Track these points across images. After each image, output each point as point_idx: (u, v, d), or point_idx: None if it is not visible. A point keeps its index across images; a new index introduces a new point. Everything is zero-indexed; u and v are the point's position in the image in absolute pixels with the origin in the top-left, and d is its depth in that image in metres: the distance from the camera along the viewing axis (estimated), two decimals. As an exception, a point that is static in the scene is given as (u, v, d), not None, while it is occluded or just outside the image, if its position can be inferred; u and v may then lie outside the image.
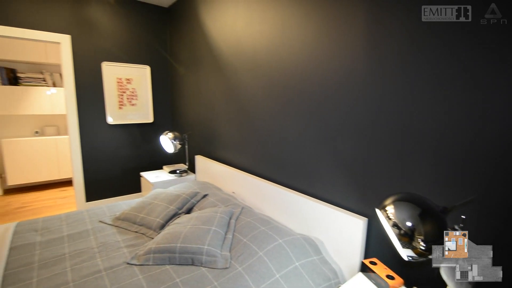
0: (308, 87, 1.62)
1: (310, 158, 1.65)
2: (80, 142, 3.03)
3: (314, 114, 1.59)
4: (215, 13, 2.46)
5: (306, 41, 1.60)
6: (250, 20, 2.03)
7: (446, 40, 1.11)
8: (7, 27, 2.56)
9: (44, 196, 3.66)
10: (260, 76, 1.99)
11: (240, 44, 2.17)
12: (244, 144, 2.24)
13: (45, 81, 3.85)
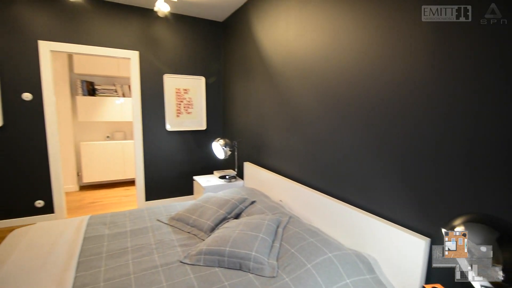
0: (364, 97, 1.55)
1: (365, 170, 1.57)
2: (143, 146, 3.35)
3: (372, 126, 1.51)
4: (267, 25, 2.53)
5: (361, 48, 1.55)
6: (302, 29, 2.04)
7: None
8: (89, 46, 2.99)
9: (111, 194, 4.12)
10: (311, 84, 1.97)
11: (291, 53, 2.18)
12: (293, 153, 2.23)
13: (116, 92, 4.37)
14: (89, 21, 2.96)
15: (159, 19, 3.26)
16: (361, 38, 1.54)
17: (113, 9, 3.05)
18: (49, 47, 2.82)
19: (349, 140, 1.66)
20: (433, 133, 1.22)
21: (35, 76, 2.81)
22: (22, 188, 2.90)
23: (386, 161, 1.44)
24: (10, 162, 2.82)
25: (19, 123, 2.80)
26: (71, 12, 2.88)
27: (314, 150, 1.97)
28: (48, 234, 1.78)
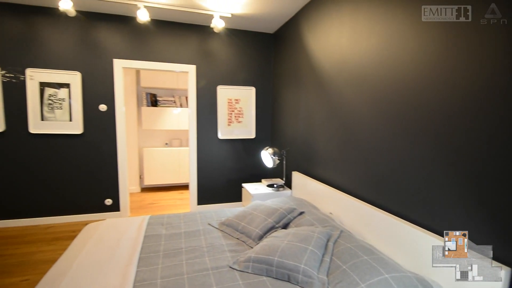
0: (427, 105, 1.42)
1: (429, 184, 1.42)
2: (197, 153, 3.57)
3: (439, 136, 1.38)
4: (318, 33, 2.51)
5: (422, 54, 1.43)
6: (356, 36, 1.97)
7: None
8: (153, 62, 3.32)
9: (167, 196, 4.44)
10: (365, 92, 1.88)
11: (344, 61, 2.12)
12: (345, 164, 2.14)
13: (175, 103, 4.75)
14: (153, 39, 3.31)
15: (214, 34, 3.47)
16: (425, 42, 1.42)
17: (174, 28, 3.35)
18: (122, 64, 3.22)
19: (410, 151, 1.53)
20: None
21: (109, 89, 3.22)
22: (95, 187, 3.31)
23: (457, 176, 1.28)
24: (87, 164, 3.25)
25: (95, 131, 3.23)
26: (139, 32, 3.25)
27: (368, 161, 1.86)
28: (115, 230, 2.00)
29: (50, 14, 2.97)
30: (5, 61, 2.90)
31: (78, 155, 3.21)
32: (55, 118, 3.06)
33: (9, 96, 2.94)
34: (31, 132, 3.02)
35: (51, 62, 3.02)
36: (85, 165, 3.24)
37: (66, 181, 3.21)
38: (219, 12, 3.02)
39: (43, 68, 2.99)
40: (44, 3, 2.86)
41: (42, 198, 3.16)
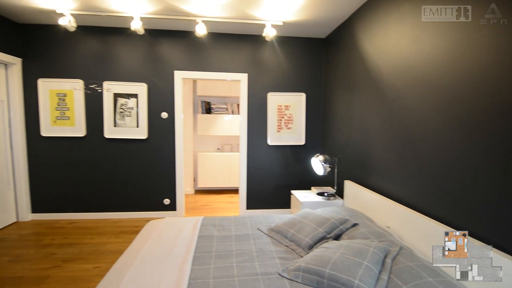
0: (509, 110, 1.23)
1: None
2: (247, 159, 3.66)
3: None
4: (375, 35, 2.38)
5: (499, 54, 1.25)
6: (418, 35, 1.82)
7: None
8: (208, 72, 3.53)
9: (219, 199, 4.63)
10: (431, 97, 1.72)
11: (405, 63, 1.97)
12: (405, 174, 1.97)
13: (227, 110, 4.97)
14: (209, 51, 3.52)
15: (265, 43, 3.55)
16: (498, 40, 1.24)
17: (228, 39, 3.52)
18: (181, 75, 3.49)
19: (485, 163, 1.34)
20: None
21: (170, 99, 3.51)
22: (155, 188, 3.62)
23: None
24: (149, 166, 3.58)
25: (157, 136, 3.55)
26: (197, 45, 3.49)
27: (435, 172, 1.68)
28: (173, 228, 2.15)
29: (123, 34, 3.39)
30: (87, 75, 3.40)
31: (143, 158, 3.56)
32: (125, 124, 3.46)
33: (89, 106, 3.43)
34: (106, 137, 3.46)
35: (123, 75, 3.43)
36: (148, 167, 3.58)
37: (132, 181, 3.58)
38: (271, 21, 3.08)
39: (116, 81, 3.42)
40: (118, 24, 3.28)
41: (112, 195, 3.58)
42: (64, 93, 3.37)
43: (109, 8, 2.85)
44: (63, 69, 3.37)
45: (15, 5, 2.78)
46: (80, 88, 3.37)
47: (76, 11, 2.89)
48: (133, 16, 2.93)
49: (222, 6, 2.76)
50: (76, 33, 3.28)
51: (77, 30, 3.14)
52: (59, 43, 3.34)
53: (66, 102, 3.37)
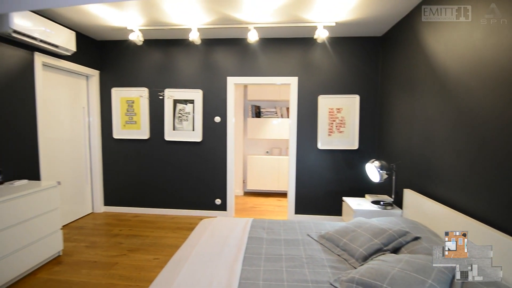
0: None
1: None
2: (296, 162, 3.62)
3: None
4: (441, 29, 2.15)
5: None
6: (498, 25, 1.59)
7: None
8: (259, 77, 3.60)
9: (267, 202, 4.66)
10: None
11: (480, 59, 1.74)
12: (480, 185, 1.73)
13: (276, 114, 4.99)
14: (259, 56, 3.59)
15: (316, 45, 3.49)
16: None
17: (278, 44, 3.55)
18: (233, 81, 3.63)
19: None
20: None
21: (223, 103, 3.68)
22: (208, 188, 3.81)
23: None
24: (203, 168, 3.79)
25: (210, 139, 3.74)
26: (248, 51, 3.60)
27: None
28: (224, 227, 2.23)
29: (181, 45, 3.67)
30: (151, 84, 3.75)
31: (197, 159, 3.78)
32: (183, 128, 3.73)
33: (152, 111, 3.78)
34: (166, 139, 3.77)
35: (181, 82, 3.71)
36: (202, 169, 3.79)
37: (187, 181, 3.83)
38: (323, 23, 3.02)
39: (176, 88, 3.71)
40: (178, 36, 3.56)
41: (170, 193, 3.87)
42: (132, 100, 3.78)
43: (171, 22, 3.12)
44: (131, 79, 3.79)
45: (95, 25, 3.22)
46: (145, 96, 3.74)
47: (143, 26, 3.23)
48: (191, 27, 3.16)
49: (274, 12, 2.80)
50: (143, 47, 3.67)
51: (143, 43, 3.51)
52: (128, 56, 3.77)
53: (134, 108, 3.78)
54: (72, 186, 3.53)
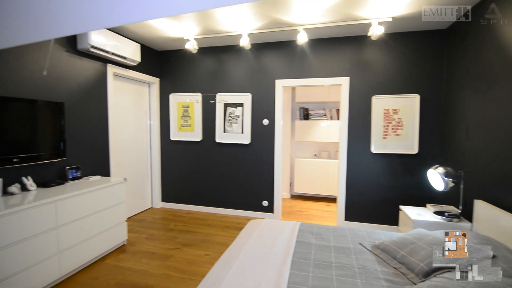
0: None
1: None
2: (347, 166, 3.46)
3: None
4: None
5: None
6: None
7: None
8: (307, 79, 3.54)
9: (314, 206, 4.55)
10: None
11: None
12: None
13: (325, 116, 4.85)
14: (308, 57, 3.54)
15: (370, 43, 3.30)
16: None
17: (327, 44, 3.45)
18: (282, 83, 3.64)
19: None
20: None
21: (271, 106, 3.71)
22: (255, 189, 3.87)
23: None
24: (251, 169, 3.86)
25: (258, 141, 3.80)
26: (296, 53, 3.57)
27: None
28: (272, 229, 2.24)
29: (232, 50, 3.81)
30: (204, 89, 3.97)
31: (246, 161, 3.88)
32: (232, 131, 3.86)
33: (205, 115, 3.99)
34: (217, 141, 3.94)
35: (231, 87, 3.85)
36: (250, 170, 3.87)
37: (236, 181, 3.95)
38: (378, 19, 2.84)
39: (227, 92, 3.86)
40: (229, 42, 3.71)
41: (220, 193, 4.04)
42: (187, 105, 4.04)
43: (223, 30, 3.26)
44: (187, 85, 4.06)
45: (156, 37, 3.54)
46: (199, 100, 3.98)
47: (198, 35, 3.44)
48: (242, 33, 3.26)
49: (324, 12, 2.73)
50: (197, 54, 3.91)
51: (198, 51, 3.74)
52: (184, 63, 4.05)
53: (189, 112, 4.04)
54: (135, 183, 3.92)
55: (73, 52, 2.83)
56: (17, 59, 2.31)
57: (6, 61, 2.23)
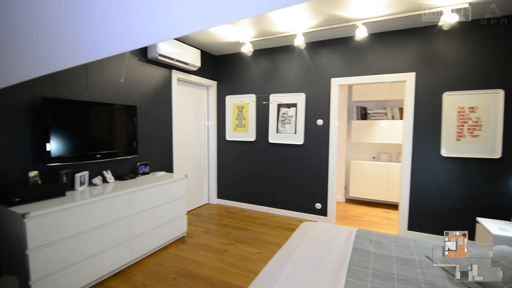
0: None
1: None
2: (411, 171, 3.16)
3: None
4: None
5: None
6: None
7: None
8: (366, 76, 3.34)
9: (372, 212, 4.26)
10: None
11: None
12: None
13: (386, 115, 4.50)
14: (366, 54, 3.33)
15: (441, 34, 2.95)
16: None
17: (388, 38, 3.20)
18: (338, 82, 3.50)
19: None
20: None
21: (325, 106, 3.60)
22: (308, 191, 3.80)
23: None
24: (304, 170, 3.80)
25: (312, 142, 3.72)
26: (353, 50, 3.39)
27: None
28: (326, 233, 2.18)
29: (286, 51, 3.80)
30: (258, 90, 4.05)
31: (298, 162, 3.83)
32: (285, 131, 3.86)
33: (259, 116, 4.07)
34: (270, 141, 3.99)
35: (285, 87, 3.85)
36: (302, 171, 3.82)
37: (288, 182, 3.93)
38: (452, 6, 2.52)
39: (280, 93, 3.88)
40: (283, 43, 3.71)
41: (272, 193, 4.07)
42: (242, 106, 4.18)
43: (277, 31, 3.28)
44: (241, 86, 4.19)
45: (214, 42, 3.74)
46: (253, 101, 4.07)
47: (253, 38, 3.53)
48: (297, 33, 3.23)
49: (386, 3, 2.54)
50: (251, 57, 4.01)
51: (252, 54, 3.83)
52: (239, 66, 4.19)
53: (243, 113, 4.17)
54: (193, 179, 4.20)
55: (144, 61, 3.16)
56: (99, 69, 2.68)
57: (92, 71, 2.61)
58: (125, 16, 0.98)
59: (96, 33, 0.87)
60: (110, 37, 1.02)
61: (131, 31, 0.98)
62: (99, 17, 0.76)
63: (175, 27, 0.91)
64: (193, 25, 0.89)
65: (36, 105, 2.18)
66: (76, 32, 0.80)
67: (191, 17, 0.87)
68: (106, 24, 0.93)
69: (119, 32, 1.00)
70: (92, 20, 0.83)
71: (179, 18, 0.88)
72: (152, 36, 0.98)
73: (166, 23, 0.91)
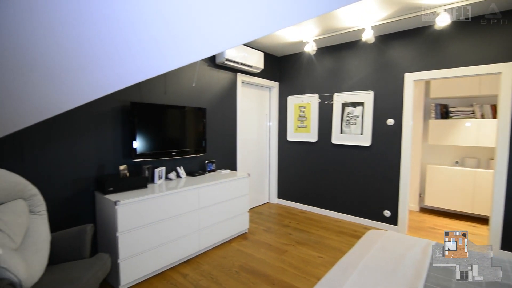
0: None
1: None
2: (507, 179, 2.66)
3: None
4: None
5: None
6: None
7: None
8: (447, 69, 2.93)
9: (453, 225, 3.72)
10: None
11: None
12: None
13: (474, 113, 3.87)
14: (448, 44, 2.91)
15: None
16: None
17: (476, 24, 2.73)
18: (413, 77, 3.16)
19: None
20: None
21: (398, 104, 3.29)
22: (376, 197, 3.53)
23: None
24: (371, 174, 3.54)
25: (381, 144, 3.44)
26: (431, 41, 3.01)
27: None
28: (398, 244, 1.99)
29: (353, 47, 3.60)
30: (321, 89, 3.94)
31: (365, 165, 3.59)
32: (350, 132, 3.66)
33: (321, 116, 3.96)
34: (333, 142, 3.84)
35: (351, 85, 3.65)
36: (369, 175, 3.57)
37: (352, 186, 3.72)
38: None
39: (345, 92, 3.70)
40: (349, 39, 3.52)
41: (334, 196, 3.91)
42: (304, 106, 4.12)
43: (343, 26, 3.14)
44: (304, 86, 4.14)
45: (277, 44, 3.77)
46: (315, 101, 3.98)
47: (317, 36, 3.44)
48: (365, 27, 3.03)
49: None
50: (314, 55, 3.92)
51: (316, 53, 3.74)
52: (302, 66, 4.14)
53: (305, 113, 4.12)
54: (255, 178, 4.32)
55: (213, 66, 3.39)
56: (175, 75, 2.98)
57: (169, 77, 2.92)
58: (204, 25, 1.06)
59: (180, 45, 0.97)
60: (185, 47, 1.12)
61: (205, 40, 1.06)
62: (186, 31, 0.85)
63: (244, 33, 0.96)
64: (262, 29, 0.92)
65: (125, 108, 2.54)
66: (163, 45, 0.90)
67: (259, 22, 0.89)
68: (182, 35, 1.02)
69: (193, 41, 1.09)
70: (174, 33, 0.93)
71: (248, 25, 0.92)
72: (224, 42, 1.04)
73: (235, 30, 0.96)
